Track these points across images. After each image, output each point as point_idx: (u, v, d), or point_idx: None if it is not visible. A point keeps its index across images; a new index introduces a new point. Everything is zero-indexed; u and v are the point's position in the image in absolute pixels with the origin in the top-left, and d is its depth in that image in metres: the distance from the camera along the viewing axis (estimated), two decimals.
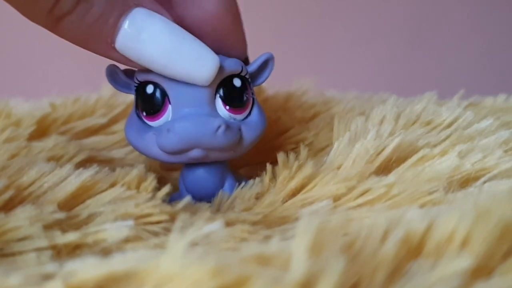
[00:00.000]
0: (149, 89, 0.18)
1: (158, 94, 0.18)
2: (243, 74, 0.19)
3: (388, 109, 0.22)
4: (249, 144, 0.19)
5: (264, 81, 0.21)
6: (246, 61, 0.21)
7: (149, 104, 0.19)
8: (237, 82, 0.19)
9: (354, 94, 0.34)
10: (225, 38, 0.19)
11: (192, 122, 0.17)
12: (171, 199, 0.20)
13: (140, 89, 0.19)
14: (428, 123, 0.22)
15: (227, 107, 0.19)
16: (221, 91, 0.18)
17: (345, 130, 0.21)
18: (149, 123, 0.19)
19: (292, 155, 0.20)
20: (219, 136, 0.17)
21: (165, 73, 0.17)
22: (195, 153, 0.18)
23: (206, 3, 0.18)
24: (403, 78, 0.62)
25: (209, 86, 0.18)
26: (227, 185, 0.20)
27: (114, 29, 0.16)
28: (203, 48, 0.17)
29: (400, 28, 0.63)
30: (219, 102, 0.19)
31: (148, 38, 0.17)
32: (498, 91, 0.30)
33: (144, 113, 0.19)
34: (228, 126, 0.18)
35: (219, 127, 0.17)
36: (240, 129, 0.19)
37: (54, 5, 0.15)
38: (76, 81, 0.42)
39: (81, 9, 0.16)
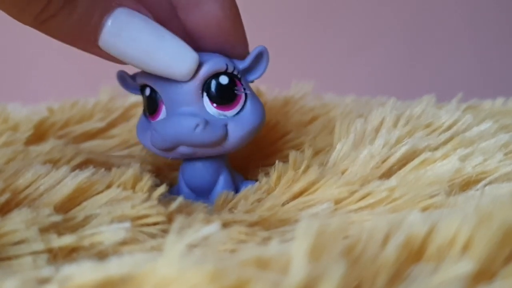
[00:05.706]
0: (147, 91, 0.20)
1: (154, 95, 0.20)
2: (229, 71, 0.19)
3: (388, 112, 0.22)
4: (238, 139, 0.19)
5: (261, 74, 0.21)
6: None
7: (149, 104, 0.20)
8: (223, 80, 0.19)
9: (352, 97, 0.34)
10: (226, 39, 0.19)
11: (170, 122, 0.19)
12: (170, 192, 0.20)
13: (142, 91, 0.20)
14: (428, 125, 0.22)
15: (214, 105, 0.19)
16: (207, 90, 0.19)
17: (346, 132, 0.21)
18: (151, 121, 0.20)
19: (299, 155, 0.20)
20: (198, 134, 0.18)
21: (146, 69, 0.18)
22: (182, 150, 0.19)
23: (207, 8, 0.18)
24: (400, 82, 0.62)
25: (195, 85, 0.19)
26: (221, 179, 0.20)
27: (97, 28, 0.17)
28: (181, 45, 0.18)
29: (398, 33, 0.63)
30: (206, 100, 0.19)
31: (129, 36, 0.17)
32: (496, 95, 0.30)
33: (147, 112, 0.20)
34: (207, 123, 0.18)
35: (197, 125, 0.18)
36: (226, 125, 0.19)
37: (41, 12, 0.16)
38: (74, 86, 0.42)
39: (65, 12, 0.16)
